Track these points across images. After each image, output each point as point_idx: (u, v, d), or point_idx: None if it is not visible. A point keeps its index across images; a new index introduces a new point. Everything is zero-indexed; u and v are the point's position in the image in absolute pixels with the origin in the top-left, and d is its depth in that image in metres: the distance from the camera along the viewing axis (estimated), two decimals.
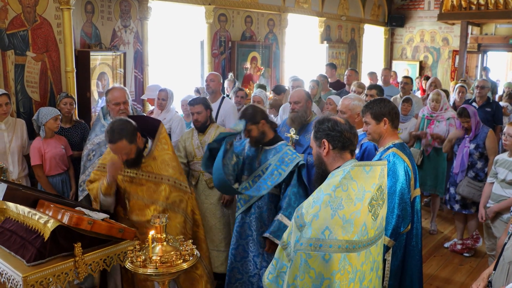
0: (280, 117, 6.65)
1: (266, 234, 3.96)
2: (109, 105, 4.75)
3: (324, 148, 2.68)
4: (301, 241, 2.38)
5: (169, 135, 6.03)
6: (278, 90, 7.61)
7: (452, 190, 6.03)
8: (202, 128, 4.98)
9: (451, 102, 8.34)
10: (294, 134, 4.83)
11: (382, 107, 3.56)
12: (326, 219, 2.36)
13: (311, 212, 2.40)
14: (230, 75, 8.51)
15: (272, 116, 6.39)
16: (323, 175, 2.68)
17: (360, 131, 4.40)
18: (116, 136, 3.55)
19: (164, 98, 6.11)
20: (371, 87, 6.54)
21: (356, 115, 4.47)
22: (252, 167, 4.21)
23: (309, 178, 4.80)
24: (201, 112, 4.91)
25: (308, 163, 4.75)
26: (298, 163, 3.97)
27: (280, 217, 3.92)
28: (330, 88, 8.43)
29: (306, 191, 3.98)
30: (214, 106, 6.19)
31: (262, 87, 7.90)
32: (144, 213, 3.72)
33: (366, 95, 6.38)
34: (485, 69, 12.45)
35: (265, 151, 4.15)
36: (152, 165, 3.71)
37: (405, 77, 8.48)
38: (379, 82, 9.18)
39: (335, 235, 2.35)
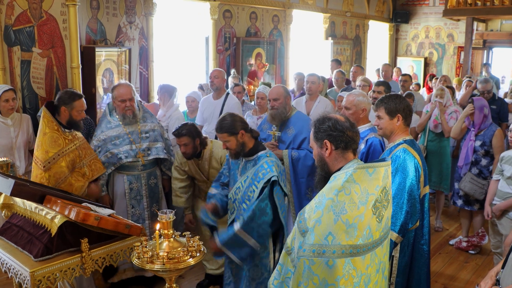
0: None
1: (218, 242, 3.68)
2: (114, 101, 4.77)
3: (327, 149, 2.57)
4: (304, 247, 2.33)
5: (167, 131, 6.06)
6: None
7: (457, 185, 6.02)
8: (193, 156, 4.67)
9: (458, 98, 8.33)
10: (276, 131, 4.84)
11: (397, 103, 3.55)
12: (329, 224, 2.30)
13: (313, 217, 2.34)
14: (233, 71, 8.50)
15: None
16: (326, 176, 2.59)
17: (365, 127, 4.42)
18: None
19: (157, 93, 6.26)
20: (379, 83, 6.52)
21: (361, 111, 4.47)
22: (235, 178, 3.97)
23: (294, 173, 4.80)
24: (188, 144, 4.56)
25: (293, 158, 4.76)
26: (270, 179, 3.64)
27: (238, 231, 3.62)
28: (346, 85, 8.42)
29: (276, 209, 3.66)
30: (218, 102, 6.20)
31: (267, 84, 7.89)
32: (98, 166, 4.53)
33: (374, 91, 6.36)
34: (486, 65, 12.41)
35: (245, 163, 3.89)
36: (78, 134, 4.45)
37: (404, 74, 8.55)
38: (380, 78, 9.16)
39: (338, 240, 2.29)
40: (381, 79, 8.30)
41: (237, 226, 3.63)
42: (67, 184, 4.11)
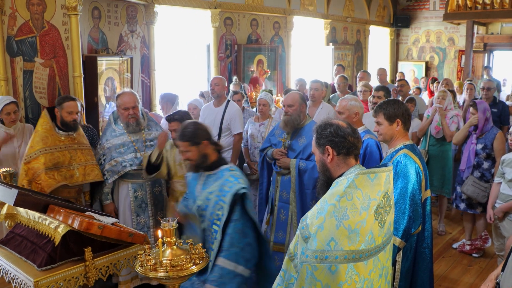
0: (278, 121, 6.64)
1: (207, 285, 3.29)
2: (118, 109, 4.83)
3: (328, 155, 2.58)
4: (307, 253, 2.33)
5: None
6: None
7: (458, 189, 6.02)
8: None
9: (461, 102, 8.33)
10: (286, 138, 4.78)
11: (396, 108, 3.56)
12: (331, 230, 2.31)
13: (315, 223, 2.35)
14: (235, 78, 8.53)
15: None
16: (328, 182, 2.60)
17: (360, 130, 4.44)
18: None
19: (159, 102, 6.38)
20: (379, 88, 6.53)
21: (353, 115, 4.52)
22: (193, 195, 3.61)
23: (300, 184, 4.72)
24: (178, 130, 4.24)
25: (300, 168, 4.69)
26: (237, 192, 3.35)
27: (222, 261, 3.29)
28: (349, 91, 8.42)
29: (254, 224, 3.43)
30: (219, 110, 6.22)
31: (269, 91, 7.90)
32: (96, 172, 4.69)
33: (373, 96, 6.38)
34: (487, 68, 12.41)
35: (206, 177, 3.56)
36: (80, 139, 4.75)
37: (400, 80, 8.55)
38: (376, 82, 9.14)
39: (341, 246, 2.30)
40: (384, 85, 8.29)
41: (218, 257, 3.31)
42: (40, 179, 4.40)
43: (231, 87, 8.18)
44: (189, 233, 3.63)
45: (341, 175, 2.56)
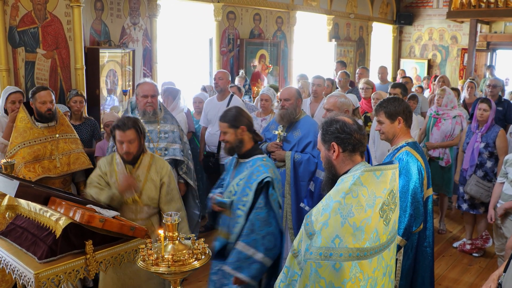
0: None
1: (225, 267, 3.39)
2: (137, 97, 4.89)
3: (334, 152, 2.56)
4: (311, 250, 2.32)
5: None
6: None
7: (461, 189, 6.00)
8: (133, 161, 3.83)
9: (461, 100, 8.30)
10: (282, 131, 4.82)
11: (396, 106, 3.53)
12: (336, 227, 2.29)
13: (320, 220, 2.33)
14: (241, 72, 8.51)
15: None
16: (333, 179, 2.59)
17: None
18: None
19: (161, 96, 6.30)
20: (395, 85, 6.43)
21: (344, 112, 4.45)
22: (228, 181, 3.68)
23: (295, 175, 4.74)
24: (133, 141, 3.74)
25: (295, 160, 4.71)
26: (262, 180, 3.39)
27: (241, 246, 3.35)
28: (350, 87, 8.39)
29: (275, 216, 3.43)
30: (223, 104, 6.19)
31: (274, 87, 7.87)
32: (82, 160, 4.79)
33: (389, 93, 6.31)
34: (490, 67, 12.37)
35: (239, 165, 3.61)
36: (63, 129, 4.75)
37: (404, 77, 8.52)
38: (377, 80, 9.11)
39: (345, 243, 2.28)
40: (401, 82, 8.24)
41: (237, 242, 3.37)
42: (20, 173, 4.38)
43: (236, 80, 8.16)
44: (221, 226, 3.66)
45: (346, 172, 2.54)
